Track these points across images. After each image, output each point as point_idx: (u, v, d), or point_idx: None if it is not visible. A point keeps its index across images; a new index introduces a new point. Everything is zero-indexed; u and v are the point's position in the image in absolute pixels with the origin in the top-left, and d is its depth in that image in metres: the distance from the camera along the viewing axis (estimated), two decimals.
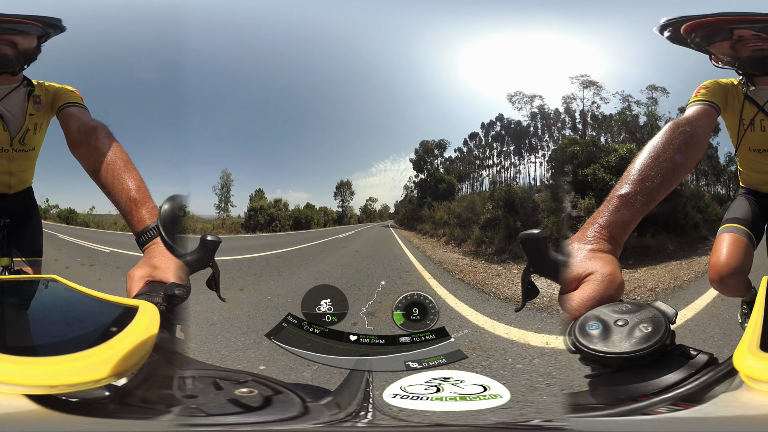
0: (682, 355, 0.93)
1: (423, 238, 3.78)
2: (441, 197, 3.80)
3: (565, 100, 3.04)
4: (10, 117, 1.76)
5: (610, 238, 1.15)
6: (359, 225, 3.99)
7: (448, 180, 3.76)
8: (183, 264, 1.22)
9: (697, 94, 1.67)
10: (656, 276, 2.89)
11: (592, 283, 1.05)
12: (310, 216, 3.87)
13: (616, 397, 0.91)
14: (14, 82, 1.75)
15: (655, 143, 1.31)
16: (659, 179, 1.23)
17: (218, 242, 1.24)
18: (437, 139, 3.56)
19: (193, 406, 0.89)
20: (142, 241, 1.33)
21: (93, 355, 0.79)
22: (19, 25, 1.64)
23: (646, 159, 1.27)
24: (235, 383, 0.97)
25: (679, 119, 1.47)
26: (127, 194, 1.40)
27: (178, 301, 1.12)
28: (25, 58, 1.72)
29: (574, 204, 3.12)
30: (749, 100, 1.74)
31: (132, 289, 1.20)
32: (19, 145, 1.80)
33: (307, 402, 0.96)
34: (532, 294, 1.14)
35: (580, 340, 0.93)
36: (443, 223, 3.71)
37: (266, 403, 0.92)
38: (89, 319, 0.96)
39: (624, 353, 0.90)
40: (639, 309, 0.95)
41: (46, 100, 1.79)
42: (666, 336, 0.91)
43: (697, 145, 1.39)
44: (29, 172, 1.92)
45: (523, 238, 1.09)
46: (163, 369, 0.94)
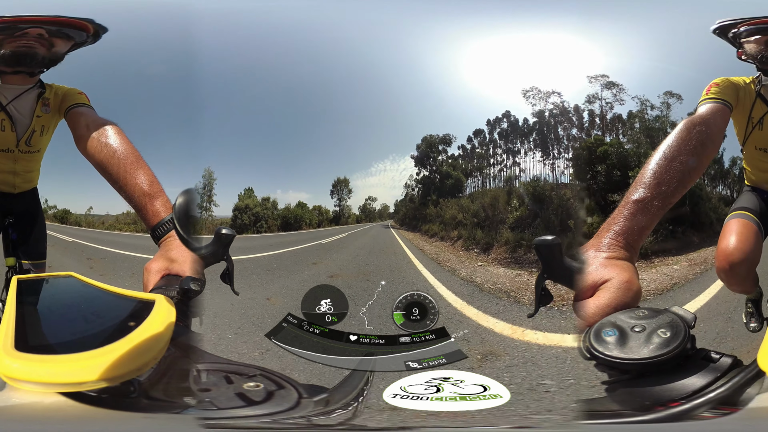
0: (705, 359, 0.92)
1: (433, 242, 3.23)
2: (448, 194, 3.40)
3: (588, 99, 2.96)
4: (19, 118, 1.77)
5: (626, 245, 1.13)
6: (356, 226, 3.57)
7: (456, 175, 3.38)
8: (198, 257, 1.22)
9: (709, 91, 1.63)
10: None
11: (609, 290, 1.03)
12: (300, 215, 3.50)
13: (640, 403, 0.89)
14: (29, 84, 1.76)
15: (670, 144, 1.26)
16: (675, 183, 1.19)
17: (233, 236, 1.25)
18: (441, 134, 3.20)
19: (206, 399, 0.90)
20: (158, 235, 1.34)
21: (113, 351, 0.81)
22: (67, 29, 1.66)
23: (661, 161, 1.22)
24: (245, 377, 0.97)
25: (693, 118, 1.43)
26: (141, 189, 1.41)
27: (193, 295, 1.14)
28: (49, 62, 1.73)
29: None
30: (761, 98, 1.72)
31: (149, 282, 1.22)
32: (25, 147, 1.81)
33: (303, 398, 0.96)
34: (546, 300, 1.12)
35: (595, 346, 0.92)
36: (456, 223, 3.23)
37: (267, 398, 0.93)
38: (107, 315, 0.98)
39: (644, 359, 0.89)
40: (656, 315, 0.95)
41: (55, 102, 1.79)
42: (686, 340, 0.90)
43: (711, 146, 1.35)
44: (34, 173, 1.93)
45: (538, 244, 1.08)
46: (181, 362, 0.95)
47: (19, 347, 0.81)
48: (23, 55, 1.65)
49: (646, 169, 1.22)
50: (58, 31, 1.65)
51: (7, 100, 1.74)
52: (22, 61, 1.67)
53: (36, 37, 1.63)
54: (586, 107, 2.86)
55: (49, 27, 1.63)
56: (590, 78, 2.66)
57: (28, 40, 1.62)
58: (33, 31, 1.61)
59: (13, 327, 0.87)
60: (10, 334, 0.84)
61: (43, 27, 1.62)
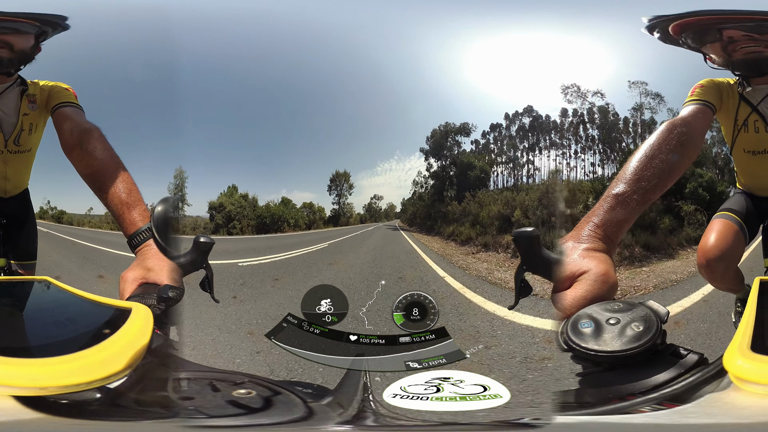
0: (673, 354, 0.94)
1: (470, 253, 2.28)
2: (471, 187, 2.79)
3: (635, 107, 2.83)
4: (4, 117, 1.74)
5: (604, 237, 1.16)
6: (357, 227, 3.00)
7: (481, 166, 2.80)
8: (176, 266, 1.23)
9: (693, 93, 1.66)
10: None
11: (586, 282, 1.06)
12: (283, 214, 2.99)
13: (604, 395, 0.92)
14: (7, 82, 1.73)
15: (651, 143, 1.32)
16: (655, 179, 1.24)
17: (212, 243, 1.26)
18: (459, 123, 2.68)
19: (190, 408, 0.89)
20: (134, 244, 1.34)
21: (84, 357, 0.79)
22: (13, 24, 1.61)
23: (642, 159, 1.27)
24: (232, 384, 0.97)
25: (675, 119, 1.47)
26: (119, 197, 1.41)
27: (172, 303, 1.14)
28: (21, 59, 1.69)
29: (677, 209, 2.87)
30: (744, 100, 1.72)
31: (125, 291, 1.21)
32: (14, 146, 1.78)
33: (309, 402, 0.96)
34: (525, 292, 1.16)
35: (572, 338, 0.95)
36: (499, 223, 2.40)
37: (267, 404, 0.93)
38: (82, 321, 0.96)
39: (615, 352, 0.91)
40: (631, 308, 0.96)
41: (41, 99, 1.76)
42: (657, 335, 0.92)
43: (692, 146, 1.40)
44: (25, 175, 1.90)
45: (516, 236, 1.12)
46: (158, 371, 0.94)
47: None
48: None
49: (627, 166, 1.27)
50: (3, 28, 1.60)
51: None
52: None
53: None
54: (632, 114, 2.78)
55: None
56: (631, 83, 2.58)
57: None
58: None
59: None
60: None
61: None
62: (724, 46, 1.63)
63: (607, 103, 2.73)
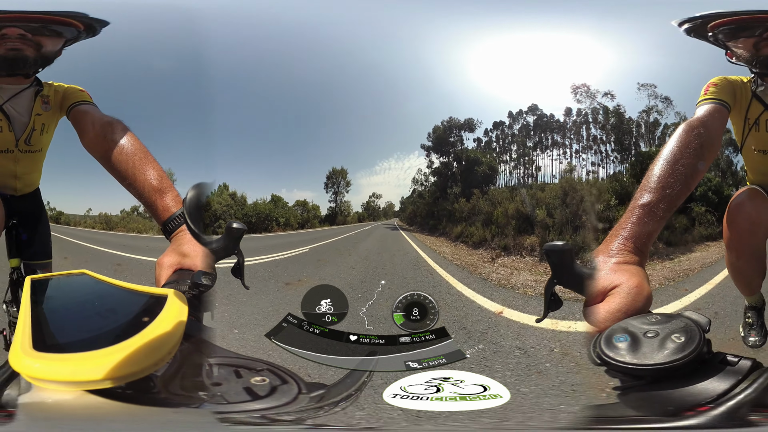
0: (722, 362, 0.92)
1: (490, 258, 2.01)
2: (478, 185, 2.67)
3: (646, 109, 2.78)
4: (17, 116, 1.74)
5: (635, 250, 1.13)
6: (354, 226, 2.87)
7: (488, 161, 2.69)
8: (210, 251, 1.24)
9: (707, 91, 1.61)
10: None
11: (619, 295, 1.03)
12: (271, 213, 2.84)
13: (662, 408, 0.89)
14: (25, 83, 1.73)
15: (672, 148, 1.28)
16: (679, 186, 1.21)
17: (244, 230, 1.26)
18: (463, 119, 2.62)
19: (218, 393, 0.92)
20: (169, 229, 1.35)
21: (128, 347, 0.82)
22: (54, 25, 1.61)
23: (664, 165, 1.24)
24: (253, 371, 0.99)
25: (692, 121, 1.44)
26: (150, 185, 1.42)
27: (205, 289, 1.15)
28: (43, 62, 1.69)
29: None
30: (757, 98, 1.69)
31: (161, 276, 1.23)
32: (25, 146, 1.78)
33: (301, 393, 0.97)
34: (555, 306, 1.14)
35: (606, 352, 0.92)
36: (517, 223, 2.20)
37: (270, 392, 0.95)
38: (121, 311, 0.99)
39: (659, 364, 0.88)
40: (669, 320, 0.94)
41: (55, 100, 1.77)
42: (701, 344, 0.90)
43: (711, 148, 1.37)
44: (35, 174, 1.90)
45: (548, 250, 1.09)
46: (194, 357, 0.97)
47: (38, 347, 0.82)
48: (12, 60, 1.61)
49: (650, 174, 1.23)
50: (42, 28, 1.60)
51: (3, 100, 1.71)
52: (13, 66, 1.64)
53: (19, 38, 1.58)
54: (643, 117, 2.74)
55: (30, 25, 1.58)
56: (640, 85, 2.52)
57: (13, 43, 1.58)
58: (11, 32, 1.57)
59: (30, 327, 0.88)
60: (28, 335, 0.85)
61: (21, 25, 1.57)
62: (756, 43, 1.60)
63: (618, 104, 2.70)
